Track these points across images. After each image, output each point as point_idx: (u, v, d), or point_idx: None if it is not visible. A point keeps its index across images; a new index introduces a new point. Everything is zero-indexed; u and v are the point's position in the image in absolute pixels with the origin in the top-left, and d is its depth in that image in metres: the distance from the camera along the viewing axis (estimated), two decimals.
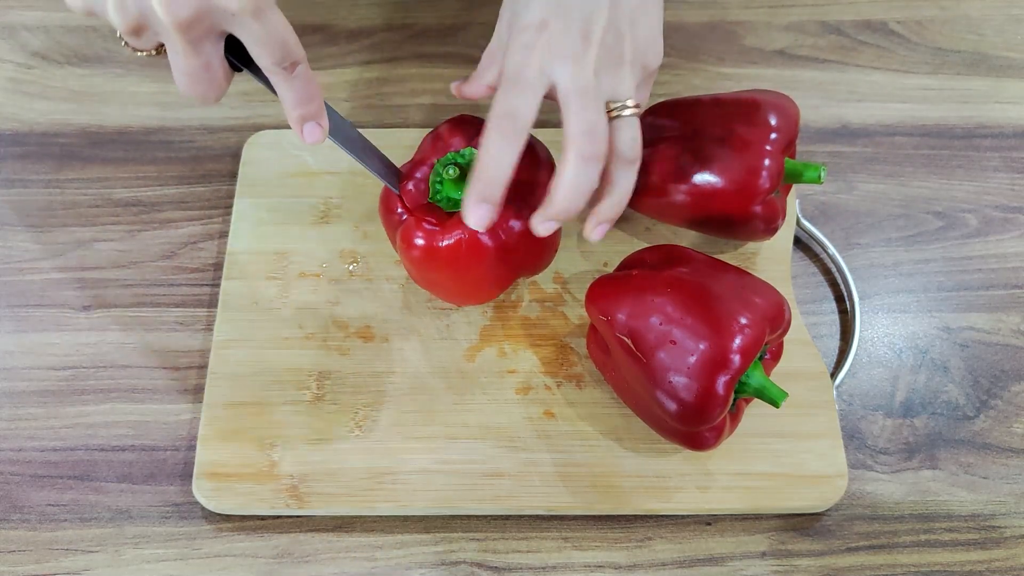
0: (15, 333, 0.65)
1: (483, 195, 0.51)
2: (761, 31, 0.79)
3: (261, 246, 0.67)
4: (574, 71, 0.50)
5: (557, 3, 0.51)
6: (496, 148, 0.50)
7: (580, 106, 0.50)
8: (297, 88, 0.49)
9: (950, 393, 0.64)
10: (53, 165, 0.72)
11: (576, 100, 0.50)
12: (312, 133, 0.51)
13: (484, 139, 0.51)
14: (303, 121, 0.51)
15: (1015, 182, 0.72)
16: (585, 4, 0.52)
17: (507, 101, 0.50)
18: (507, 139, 0.50)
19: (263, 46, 0.47)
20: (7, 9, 0.80)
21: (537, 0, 0.52)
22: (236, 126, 0.74)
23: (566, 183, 0.51)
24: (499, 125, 0.50)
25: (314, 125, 0.51)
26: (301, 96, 0.50)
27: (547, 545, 0.59)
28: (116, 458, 0.61)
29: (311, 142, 0.51)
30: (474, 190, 0.51)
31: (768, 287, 0.56)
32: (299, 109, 0.50)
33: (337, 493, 0.59)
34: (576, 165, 0.51)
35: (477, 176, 0.51)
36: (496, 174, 0.50)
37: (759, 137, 0.60)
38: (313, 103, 0.50)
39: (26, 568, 0.58)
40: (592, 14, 0.51)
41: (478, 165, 0.51)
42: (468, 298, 0.64)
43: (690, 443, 0.55)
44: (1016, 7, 0.81)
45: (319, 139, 0.51)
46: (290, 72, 0.49)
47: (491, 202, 0.51)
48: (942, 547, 0.59)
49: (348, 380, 0.62)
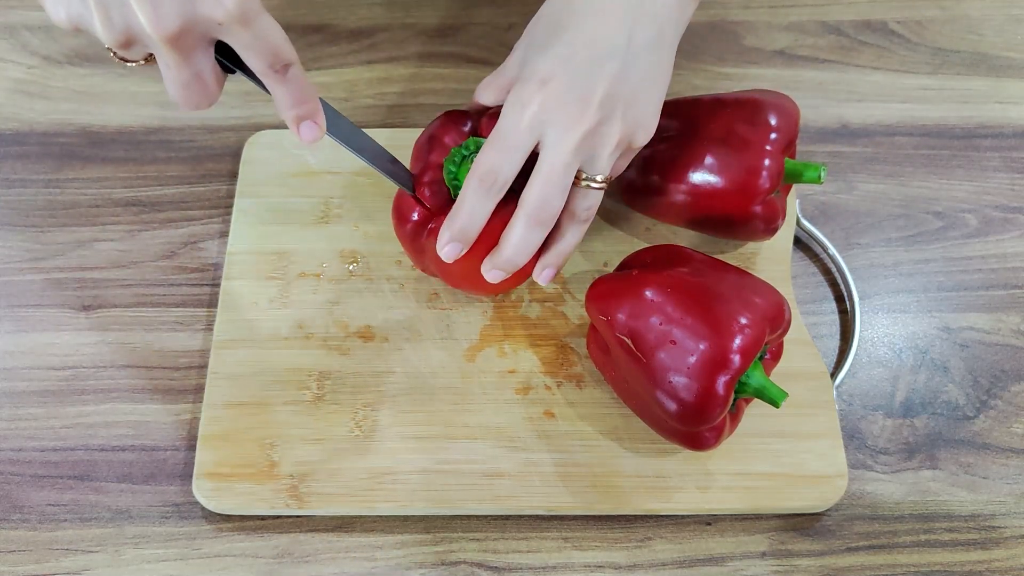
0: (15, 333, 0.65)
1: (456, 238, 0.54)
2: (761, 31, 0.79)
3: (261, 246, 0.67)
4: (559, 141, 0.52)
5: (569, 58, 0.52)
6: (473, 202, 0.53)
7: (547, 179, 0.53)
8: (291, 89, 0.50)
9: (950, 393, 0.64)
10: (53, 165, 0.72)
11: (547, 171, 0.53)
12: (309, 131, 0.51)
13: (464, 189, 0.54)
14: (299, 121, 0.51)
15: (1015, 182, 0.72)
16: (595, 65, 0.52)
17: (493, 158, 0.53)
18: (486, 195, 0.53)
19: (253, 52, 0.47)
20: (8, 9, 0.80)
21: (552, 50, 0.52)
22: (236, 126, 0.74)
23: (513, 240, 0.54)
24: (480, 181, 0.53)
25: (310, 124, 0.51)
26: (295, 97, 0.50)
27: (547, 545, 0.59)
28: (116, 458, 0.61)
29: (308, 141, 0.51)
30: (449, 231, 0.54)
31: (768, 287, 0.56)
32: (294, 109, 0.50)
33: (337, 493, 0.59)
34: (525, 227, 0.54)
35: (452, 221, 0.54)
36: (470, 224, 0.54)
37: (759, 137, 0.60)
38: (308, 103, 0.51)
39: (26, 568, 0.58)
40: (598, 78, 0.52)
41: (455, 211, 0.54)
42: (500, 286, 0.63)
43: (690, 443, 0.55)
44: (1016, 7, 0.81)
45: (316, 137, 0.51)
46: (283, 75, 0.49)
47: (461, 243, 0.55)
48: (942, 547, 0.59)
49: (348, 380, 0.62)
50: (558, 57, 0.52)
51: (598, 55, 0.52)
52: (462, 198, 0.54)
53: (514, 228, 0.54)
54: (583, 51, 0.52)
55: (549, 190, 0.53)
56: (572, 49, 0.52)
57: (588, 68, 0.52)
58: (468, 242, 0.55)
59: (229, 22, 0.45)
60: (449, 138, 0.58)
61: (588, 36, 0.52)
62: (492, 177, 0.53)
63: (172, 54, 0.47)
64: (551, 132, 0.52)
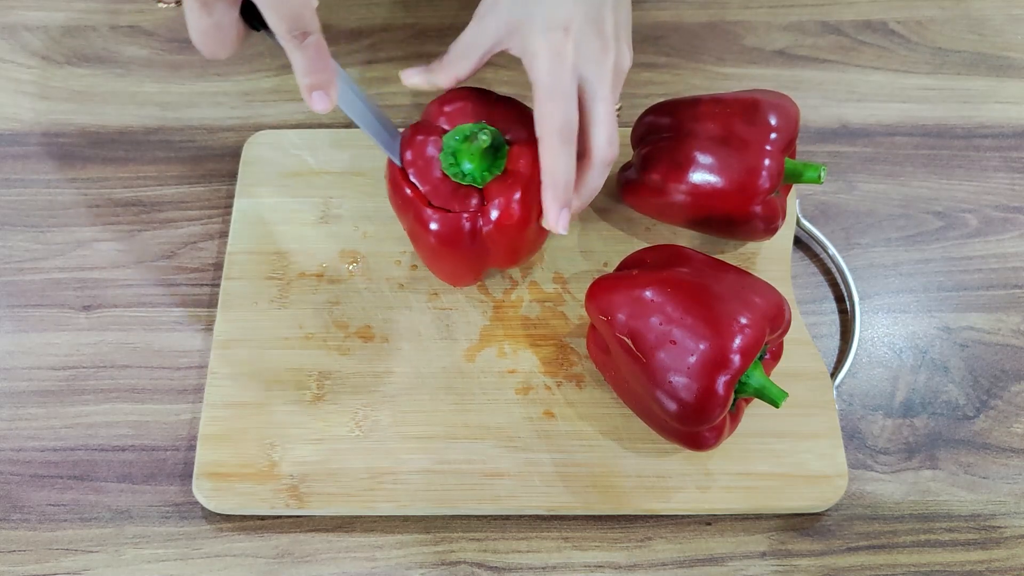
0: (15, 333, 0.65)
1: (562, 201, 0.55)
2: (761, 31, 0.79)
3: (261, 246, 0.67)
4: (600, 74, 0.55)
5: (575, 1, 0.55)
6: (564, 157, 0.54)
7: (608, 120, 0.56)
8: (308, 56, 0.50)
9: (950, 393, 0.64)
10: (53, 165, 0.72)
11: (604, 113, 0.56)
12: (320, 101, 0.52)
13: (549, 149, 0.54)
14: (311, 89, 0.51)
15: (1015, 182, 0.72)
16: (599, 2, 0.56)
17: (559, 112, 0.54)
18: (570, 146, 0.55)
19: (275, 13, 0.48)
20: (8, 9, 0.80)
21: None
22: (236, 126, 0.74)
23: (594, 185, 0.57)
24: (561, 136, 0.54)
25: (322, 94, 0.52)
26: (311, 65, 0.50)
27: (547, 545, 0.59)
28: (116, 458, 0.61)
29: (318, 110, 0.52)
30: (554, 200, 0.55)
31: (768, 287, 0.56)
32: (308, 77, 0.51)
33: (337, 493, 0.59)
34: (601, 171, 0.57)
35: (553, 185, 0.55)
36: (568, 179, 0.55)
37: (759, 137, 0.60)
38: (322, 73, 0.51)
39: (26, 568, 0.58)
40: (605, 13, 0.56)
41: (550, 174, 0.55)
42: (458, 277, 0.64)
43: (690, 443, 0.55)
44: (1016, 7, 0.81)
45: (326, 108, 0.52)
46: (300, 40, 0.49)
47: (568, 203, 0.56)
48: (942, 547, 0.59)
49: (348, 380, 0.62)
50: (569, 2, 0.55)
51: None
52: (551, 161, 0.54)
53: (591, 177, 0.57)
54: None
55: (612, 129, 0.56)
56: None
57: (596, 5, 0.55)
58: (570, 199, 0.56)
59: None
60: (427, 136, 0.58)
61: None
62: (568, 127, 0.54)
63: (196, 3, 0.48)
64: (590, 74, 0.55)
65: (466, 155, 0.57)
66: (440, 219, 0.57)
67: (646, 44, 0.79)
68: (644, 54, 0.78)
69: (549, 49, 0.54)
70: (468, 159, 0.57)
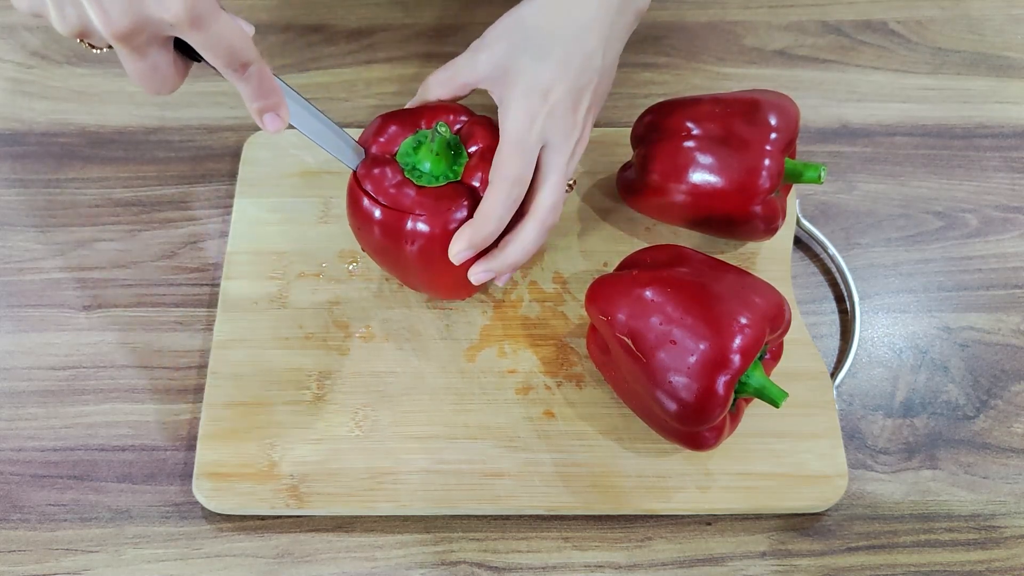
0: (15, 333, 0.65)
1: (475, 245, 0.55)
2: (761, 31, 0.79)
3: (261, 246, 0.67)
4: (562, 148, 0.56)
5: (565, 71, 0.56)
6: (500, 209, 0.55)
7: (556, 187, 0.56)
8: (252, 85, 0.50)
9: (950, 393, 0.64)
10: (53, 165, 0.72)
11: (555, 180, 0.56)
12: (272, 122, 0.52)
13: (494, 193, 0.55)
14: (261, 113, 0.52)
15: (1015, 182, 0.72)
16: (583, 80, 0.57)
17: (515, 166, 0.55)
18: (511, 202, 0.55)
19: (210, 51, 0.48)
20: (7, 9, 0.80)
21: (549, 62, 0.56)
22: (236, 126, 0.74)
23: (523, 244, 0.56)
24: (508, 189, 0.54)
25: (273, 116, 0.52)
26: (256, 92, 0.51)
27: (547, 545, 0.59)
28: (116, 458, 0.61)
29: (272, 131, 0.53)
30: (468, 238, 0.55)
31: (768, 287, 0.56)
32: (256, 103, 0.51)
33: (337, 493, 0.59)
34: (537, 232, 0.56)
35: (476, 228, 0.55)
36: (494, 231, 0.55)
37: (759, 137, 0.60)
38: (269, 97, 0.51)
39: (26, 568, 0.58)
40: (584, 92, 0.57)
41: (479, 217, 0.55)
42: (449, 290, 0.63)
43: (690, 443, 0.55)
44: (1016, 7, 0.81)
45: (279, 128, 0.53)
46: (241, 73, 0.49)
47: (477, 250, 0.56)
48: (942, 547, 0.59)
49: (348, 380, 0.62)
50: (556, 69, 0.56)
51: (585, 70, 0.57)
52: (487, 205, 0.55)
53: (525, 233, 0.56)
54: (575, 65, 0.56)
55: (558, 196, 0.57)
56: (567, 63, 0.56)
57: (578, 83, 0.56)
58: (482, 248, 0.56)
59: (179, 24, 0.46)
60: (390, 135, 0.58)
61: (577, 51, 0.56)
62: (519, 185, 0.55)
63: (125, 50, 0.47)
64: (553, 141, 0.56)
65: (424, 153, 0.57)
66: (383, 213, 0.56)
67: (646, 44, 0.79)
68: (644, 54, 0.78)
69: (524, 109, 0.55)
70: (426, 157, 0.57)
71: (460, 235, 0.55)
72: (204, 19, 0.46)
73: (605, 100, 0.60)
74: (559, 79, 0.56)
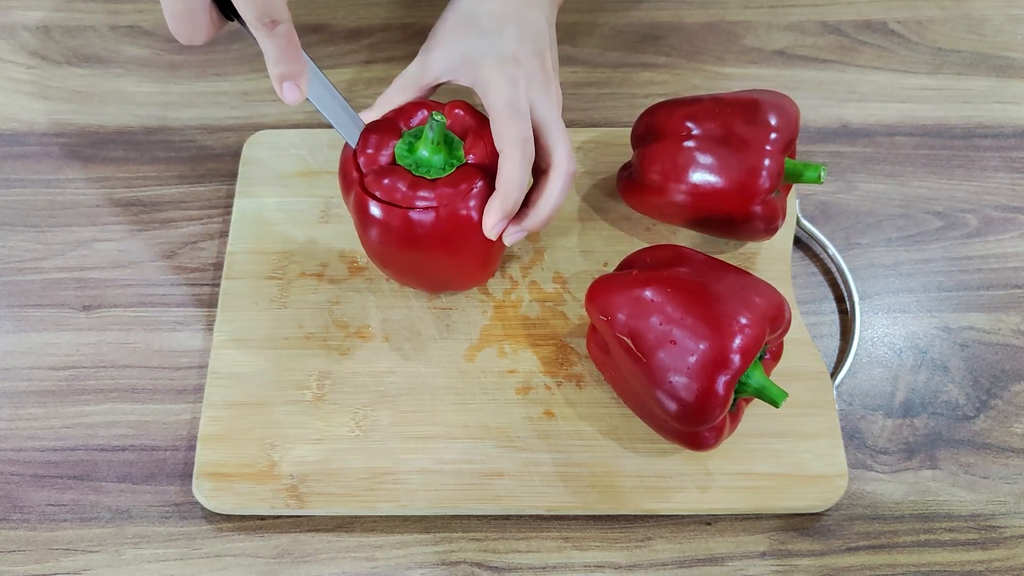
0: (15, 333, 0.65)
1: (508, 212, 0.56)
2: (761, 31, 0.79)
3: (261, 246, 0.67)
4: (548, 102, 0.59)
5: (524, 40, 0.60)
6: (520, 172, 0.56)
7: (561, 132, 0.58)
8: (278, 46, 0.50)
9: (950, 393, 0.64)
10: (53, 165, 0.72)
11: (557, 127, 0.58)
12: (291, 92, 0.53)
13: (510, 160, 0.56)
14: (282, 79, 0.52)
15: (1015, 182, 0.72)
16: (539, 43, 0.61)
17: (517, 129, 0.56)
18: (527, 162, 0.56)
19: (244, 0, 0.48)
20: (7, 9, 0.80)
21: (509, 36, 0.59)
22: (236, 126, 0.74)
23: (554, 200, 0.58)
24: (520, 150, 0.56)
25: (292, 85, 0.52)
26: (281, 54, 0.51)
27: (547, 545, 0.59)
28: (116, 458, 0.61)
29: (289, 101, 0.53)
30: (501, 209, 0.56)
31: (768, 287, 0.56)
32: (279, 67, 0.51)
33: (337, 493, 0.59)
34: (565, 183, 0.58)
35: (503, 197, 0.56)
36: (520, 194, 0.56)
37: (759, 137, 0.60)
38: (293, 64, 0.52)
39: (26, 568, 0.58)
40: (544, 52, 0.61)
41: (502, 186, 0.56)
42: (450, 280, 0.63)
43: (690, 443, 0.55)
44: (1016, 7, 0.81)
45: (297, 99, 0.53)
46: (270, 29, 0.49)
47: (510, 217, 0.57)
48: (942, 547, 0.59)
49: (348, 380, 0.62)
50: (517, 40, 0.59)
51: (539, 34, 0.61)
52: (510, 172, 0.55)
53: (555, 188, 0.58)
54: (530, 32, 0.60)
55: (569, 143, 0.59)
56: (523, 32, 0.60)
57: (538, 45, 0.60)
58: (514, 213, 0.57)
59: None
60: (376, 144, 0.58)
61: (527, 22, 0.61)
62: (528, 144, 0.56)
63: None
64: (539, 100, 0.58)
65: (422, 143, 0.57)
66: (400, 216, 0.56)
67: (646, 44, 0.79)
68: (644, 54, 0.78)
69: (503, 76, 0.57)
70: (423, 146, 0.56)
71: (490, 208, 0.56)
72: None
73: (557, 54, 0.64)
74: (521, 46, 0.59)
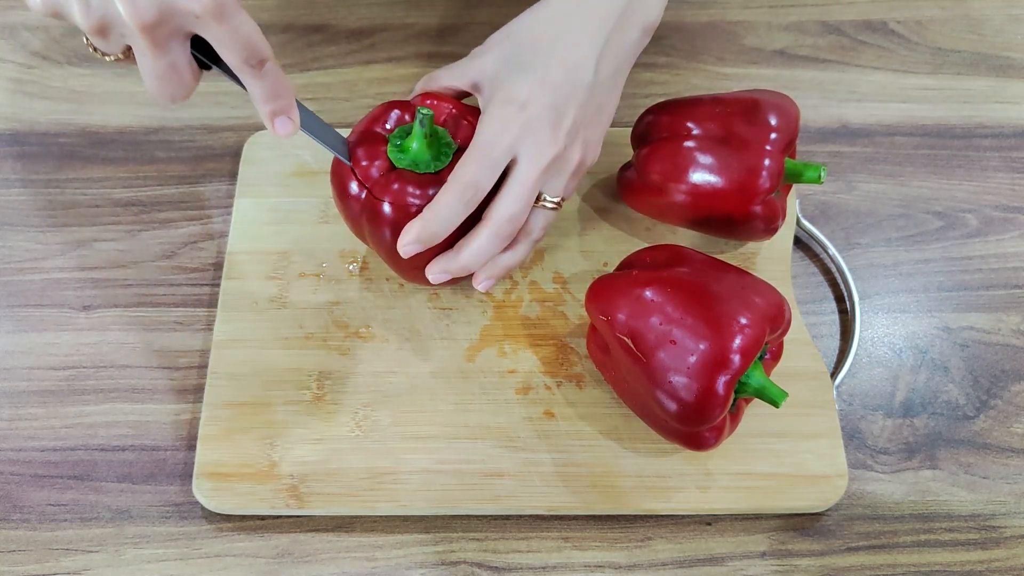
0: (15, 333, 0.65)
1: (421, 240, 0.55)
2: (761, 31, 0.79)
3: (261, 246, 0.67)
4: (532, 163, 0.55)
5: (545, 84, 0.55)
6: (449, 210, 0.54)
7: (517, 197, 0.55)
8: (267, 85, 0.50)
9: (950, 393, 0.64)
10: (53, 165, 0.72)
11: (518, 190, 0.55)
12: (283, 126, 0.52)
13: (441, 197, 0.54)
14: (274, 116, 0.52)
15: (1015, 182, 0.72)
16: (567, 94, 0.56)
17: (474, 171, 0.54)
18: (462, 205, 0.54)
19: (229, 47, 0.48)
20: (7, 9, 0.80)
21: (530, 74, 0.56)
22: (236, 126, 0.74)
23: (474, 249, 0.56)
24: (461, 191, 0.54)
25: (284, 119, 0.52)
26: (271, 92, 0.51)
27: (547, 545, 0.59)
28: (116, 458, 0.61)
29: (282, 135, 0.52)
30: (415, 233, 0.55)
31: (768, 287, 0.56)
32: (269, 105, 0.51)
33: (337, 493, 0.59)
34: (488, 238, 0.56)
35: (423, 224, 0.54)
36: (441, 229, 0.55)
37: (759, 137, 0.60)
38: (283, 99, 0.51)
39: (26, 568, 0.58)
40: (569, 107, 0.56)
41: (427, 214, 0.54)
42: None
43: (690, 443, 0.55)
44: (1016, 7, 0.81)
45: (290, 132, 0.53)
46: (258, 70, 0.49)
47: (425, 245, 0.55)
48: (942, 547, 0.59)
49: (348, 380, 0.62)
50: (536, 82, 0.55)
51: (570, 84, 0.56)
52: (438, 203, 0.54)
53: (477, 238, 0.56)
54: (558, 78, 0.56)
55: (518, 207, 0.56)
56: (548, 75, 0.56)
57: (561, 96, 0.56)
58: (430, 245, 0.55)
59: (205, 16, 0.46)
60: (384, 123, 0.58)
61: (562, 64, 0.56)
62: (472, 189, 0.54)
63: (148, 44, 0.47)
64: (525, 153, 0.55)
65: (413, 140, 0.56)
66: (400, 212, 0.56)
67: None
68: (644, 54, 0.77)
69: (498, 118, 0.55)
70: (416, 142, 0.56)
71: (409, 227, 0.55)
72: (228, 12, 0.46)
73: (607, 117, 0.59)
74: (538, 92, 0.55)
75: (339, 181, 0.58)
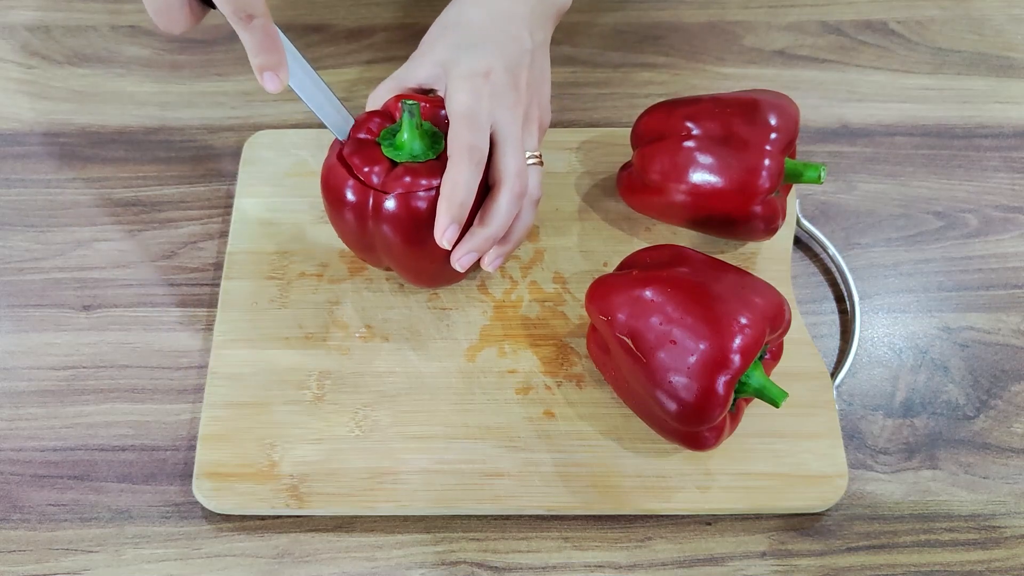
0: (15, 333, 0.65)
1: (455, 217, 0.55)
2: (761, 31, 0.79)
3: (261, 246, 0.67)
4: (511, 119, 0.59)
5: (499, 55, 0.60)
6: (465, 176, 0.55)
7: (515, 149, 0.58)
8: (255, 39, 0.52)
9: (950, 393, 0.64)
10: (53, 165, 0.72)
11: (512, 144, 0.58)
12: (270, 81, 0.54)
13: (452, 168, 0.56)
14: (261, 70, 0.54)
15: (1015, 182, 0.72)
16: (517, 60, 0.61)
17: (469, 136, 0.56)
18: (474, 167, 0.56)
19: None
20: (7, 9, 0.80)
21: (484, 48, 0.60)
22: (236, 126, 0.74)
23: (502, 215, 0.57)
24: (468, 155, 0.56)
25: (272, 75, 0.54)
26: (258, 46, 0.52)
27: (547, 545, 0.59)
28: (116, 458, 0.61)
29: (269, 90, 0.54)
30: (447, 213, 0.55)
31: (768, 287, 0.56)
32: (257, 58, 0.53)
33: (337, 493, 0.59)
34: (511, 200, 0.57)
35: (449, 200, 0.55)
36: (465, 198, 0.56)
37: (759, 137, 0.60)
38: (271, 55, 0.53)
39: (26, 568, 0.58)
40: (520, 70, 0.61)
41: (447, 190, 0.55)
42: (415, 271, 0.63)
43: (690, 443, 0.55)
44: (1016, 7, 0.81)
45: (276, 88, 0.54)
46: (247, 23, 0.51)
47: (460, 222, 0.56)
48: (942, 547, 0.59)
49: (348, 380, 0.62)
50: (489, 54, 0.59)
51: (517, 52, 0.61)
52: (451, 175, 0.55)
53: (498, 202, 0.57)
54: (506, 48, 0.60)
55: (519, 161, 0.58)
56: (497, 48, 0.60)
57: (513, 62, 0.60)
58: (463, 219, 0.56)
59: None
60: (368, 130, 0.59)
61: (505, 36, 0.61)
62: (476, 151, 0.56)
63: None
64: (501, 115, 0.58)
65: (405, 130, 0.57)
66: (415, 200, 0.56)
67: (646, 44, 0.79)
68: (644, 54, 0.78)
69: (468, 88, 0.57)
70: (407, 133, 0.57)
71: (439, 213, 0.56)
72: None
73: (548, 79, 0.64)
74: (495, 61, 0.59)
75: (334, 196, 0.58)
